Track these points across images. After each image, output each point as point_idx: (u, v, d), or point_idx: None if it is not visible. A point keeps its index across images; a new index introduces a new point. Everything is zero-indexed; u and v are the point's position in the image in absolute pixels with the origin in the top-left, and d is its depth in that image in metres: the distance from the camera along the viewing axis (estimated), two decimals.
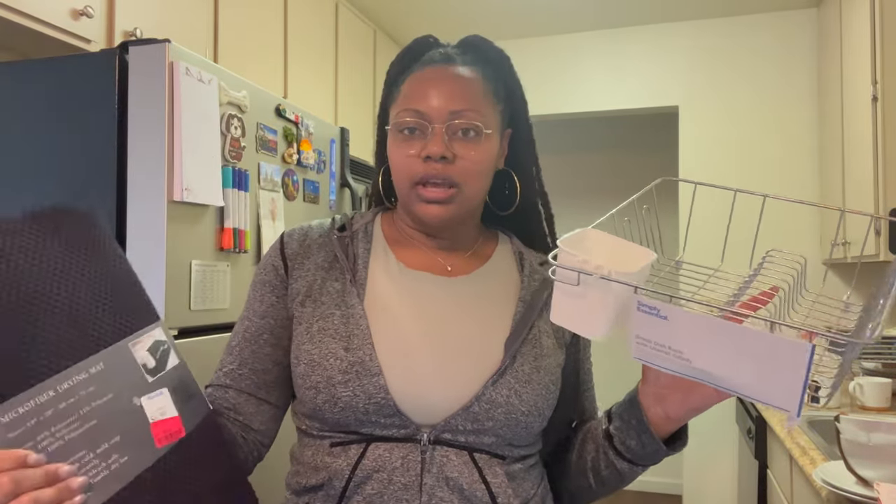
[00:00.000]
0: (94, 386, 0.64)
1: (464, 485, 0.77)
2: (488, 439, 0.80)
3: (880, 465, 1.29)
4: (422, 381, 0.79)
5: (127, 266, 0.74)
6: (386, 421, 0.78)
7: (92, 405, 0.63)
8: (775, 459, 2.21)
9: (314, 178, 1.99)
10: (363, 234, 0.90)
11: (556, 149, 4.68)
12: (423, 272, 0.88)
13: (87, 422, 0.63)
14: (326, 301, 0.84)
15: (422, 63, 0.88)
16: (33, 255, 0.64)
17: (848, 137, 2.60)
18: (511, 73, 0.91)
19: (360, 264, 0.87)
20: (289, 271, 0.88)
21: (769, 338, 0.60)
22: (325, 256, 0.88)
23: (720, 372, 0.65)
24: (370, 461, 0.78)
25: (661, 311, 0.64)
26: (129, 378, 0.68)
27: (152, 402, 0.69)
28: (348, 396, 0.77)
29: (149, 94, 1.44)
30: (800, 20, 3.19)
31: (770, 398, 0.62)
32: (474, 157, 0.83)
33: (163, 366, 0.72)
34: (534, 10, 3.23)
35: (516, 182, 0.93)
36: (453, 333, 0.83)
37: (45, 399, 0.60)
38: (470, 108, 0.83)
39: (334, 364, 0.79)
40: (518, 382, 0.81)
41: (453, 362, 0.81)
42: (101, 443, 0.63)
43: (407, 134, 0.84)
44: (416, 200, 0.84)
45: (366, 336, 0.80)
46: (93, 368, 0.65)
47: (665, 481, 4.32)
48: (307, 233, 0.91)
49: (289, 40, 2.53)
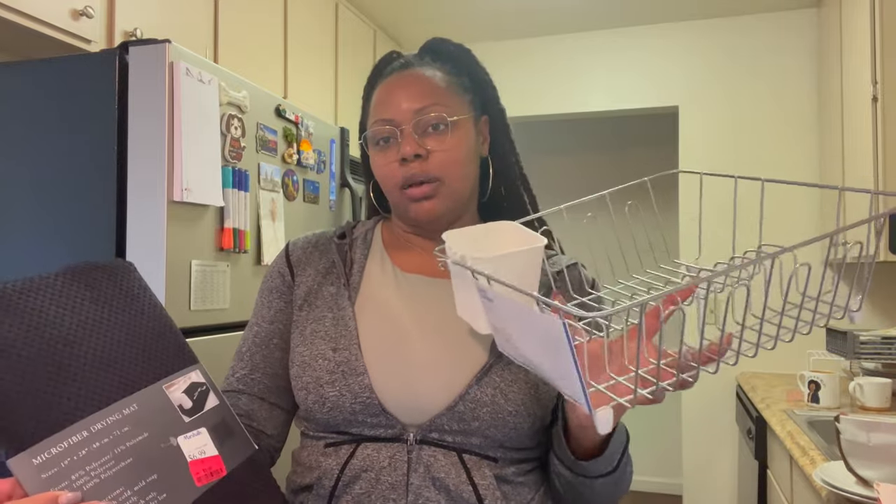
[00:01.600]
0: (128, 426, 0.65)
1: (450, 485, 0.77)
2: (476, 440, 0.79)
3: (880, 465, 1.29)
4: (407, 380, 0.80)
5: (161, 313, 0.77)
6: (373, 420, 0.79)
7: (127, 444, 0.64)
8: (775, 459, 2.21)
9: (314, 179, 2.00)
10: (362, 241, 0.93)
11: (557, 149, 4.68)
12: (417, 275, 0.89)
13: (122, 460, 0.63)
14: (321, 305, 0.87)
15: (384, 75, 0.91)
16: (63, 305, 0.67)
17: (848, 137, 2.59)
18: (474, 63, 0.93)
19: (355, 269, 0.89)
20: (294, 277, 0.91)
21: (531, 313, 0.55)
22: (324, 263, 0.91)
23: (536, 359, 0.61)
24: (359, 461, 0.79)
25: (488, 294, 0.61)
26: (164, 418, 0.69)
27: (190, 442, 0.70)
28: (335, 396, 0.79)
29: (149, 95, 1.44)
30: (800, 20, 3.19)
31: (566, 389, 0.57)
32: (447, 147, 0.85)
33: (200, 406, 0.74)
34: (534, 10, 3.23)
35: (490, 168, 0.94)
36: (441, 334, 0.84)
37: (77, 439, 0.61)
38: (432, 102, 0.85)
39: (322, 364, 0.81)
40: (504, 381, 0.80)
41: (439, 362, 0.81)
42: (139, 481, 0.63)
43: (383, 144, 0.87)
44: (406, 203, 0.86)
45: (353, 337, 0.82)
46: (126, 410, 0.66)
47: (665, 481, 4.32)
48: (311, 241, 0.94)
49: (289, 40, 2.53)
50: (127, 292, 0.75)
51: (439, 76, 0.88)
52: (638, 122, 4.52)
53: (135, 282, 0.77)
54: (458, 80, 0.90)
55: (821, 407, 2.22)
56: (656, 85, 3.40)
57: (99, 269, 0.74)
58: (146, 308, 0.76)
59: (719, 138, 3.30)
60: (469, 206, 0.92)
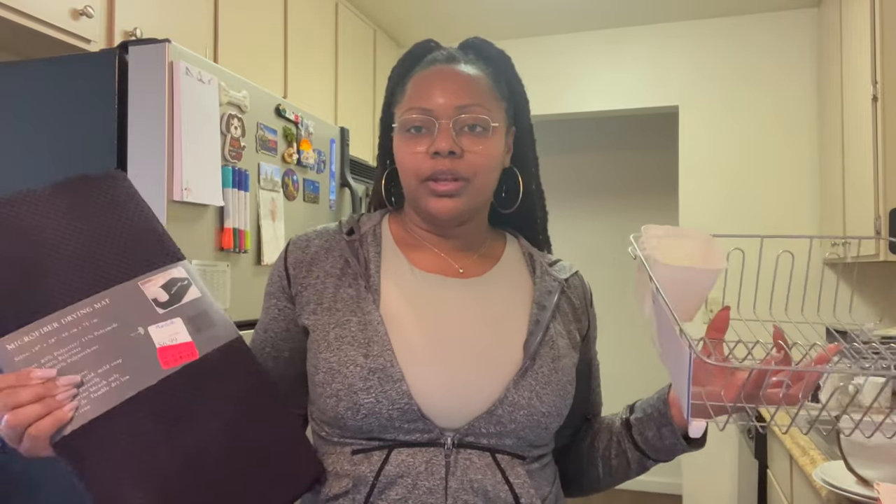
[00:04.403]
0: (97, 318, 0.73)
1: (488, 487, 0.78)
2: (510, 441, 0.80)
3: (880, 465, 1.29)
4: (444, 385, 0.79)
5: (144, 216, 0.81)
6: (409, 426, 0.78)
7: (95, 334, 0.72)
8: (775, 459, 2.21)
9: (314, 178, 2.00)
10: (372, 237, 0.90)
11: (557, 149, 4.68)
12: (436, 275, 0.88)
13: (88, 347, 0.71)
14: (341, 308, 0.84)
15: (425, 63, 0.88)
16: (44, 214, 0.75)
17: (848, 137, 2.60)
18: (513, 73, 0.92)
19: (372, 269, 0.86)
20: (291, 280, 0.88)
21: (671, 332, 0.66)
22: (333, 262, 0.88)
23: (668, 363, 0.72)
24: (394, 467, 0.78)
25: (654, 296, 0.72)
26: (136, 311, 0.75)
27: (162, 330, 0.76)
28: (371, 403, 0.77)
29: (149, 94, 1.44)
30: (800, 20, 3.19)
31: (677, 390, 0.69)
32: (482, 151, 0.84)
33: (178, 299, 0.79)
34: (534, 10, 3.23)
35: (520, 180, 0.93)
36: (471, 336, 0.83)
37: (48, 329, 0.70)
38: (476, 102, 0.84)
39: (354, 371, 0.78)
40: (538, 384, 0.81)
41: (473, 366, 0.81)
42: (103, 364, 0.71)
43: (414, 133, 0.84)
44: (426, 196, 0.84)
45: (385, 342, 0.80)
46: (97, 304, 0.73)
47: (665, 481, 4.32)
48: (312, 239, 0.90)
49: (289, 40, 2.53)
50: (112, 199, 0.80)
51: (483, 78, 0.87)
52: (637, 122, 4.52)
53: (122, 190, 0.81)
54: (497, 85, 0.89)
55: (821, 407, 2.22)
56: (656, 85, 3.40)
57: (87, 181, 0.79)
58: (130, 213, 0.80)
59: (719, 138, 3.30)
60: (482, 212, 0.92)
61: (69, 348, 0.70)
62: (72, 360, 0.69)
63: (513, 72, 0.92)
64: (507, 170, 0.92)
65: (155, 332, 0.75)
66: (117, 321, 0.73)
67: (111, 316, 0.73)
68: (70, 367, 0.69)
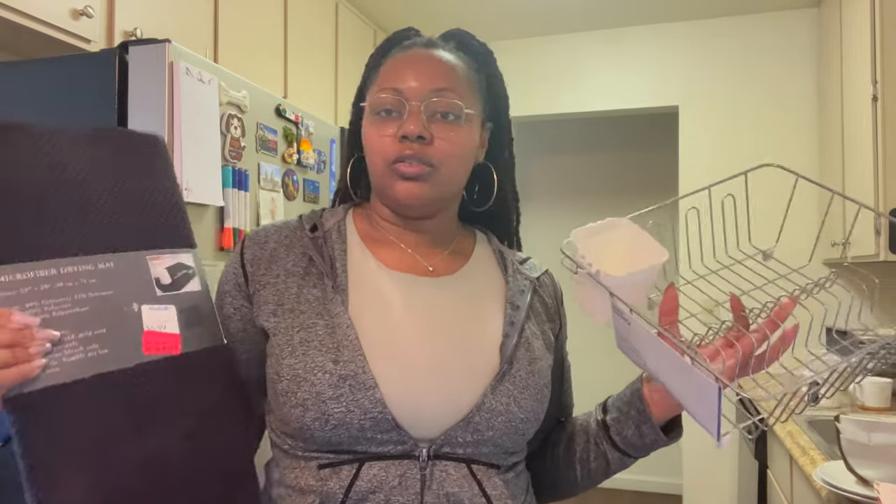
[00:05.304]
0: (96, 279, 0.68)
1: (465, 499, 0.74)
2: (486, 449, 0.76)
3: (880, 465, 1.29)
4: (420, 391, 0.74)
5: (174, 191, 0.78)
6: (382, 437, 0.73)
7: (89, 294, 0.67)
8: (775, 459, 2.21)
9: (314, 178, 2.00)
10: (337, 234, 0.84)
11: (557, 149, 4.68)
12: (405, 273, 0.83)
13: (78, 306, 0.66)
14: (306, 310, 0.77)
15: (403, 47, 0.85)
16: (75, 155, 0.70)
17: (848, 137, 2.59)
18: (494, 68, 0.89)
19: (338, 267, 0.80)
20: (249, 278, 0.81)
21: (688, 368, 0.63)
22: (295, 260, 0.81)
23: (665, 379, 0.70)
24: (365, 482, 0.72)
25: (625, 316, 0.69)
26: (136, 284, 0.71)
27: (154, 313, 0.71)
28: (341, 413, 0.71)
29: (149, 94, 1.44)
30: (800, 20, 3.19)
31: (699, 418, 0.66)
32: (453, 139, 0.79)
33: (178, 287, 0.75)
34: (534, 10, 3.23)
35: (494, 177, 0.89)
36: (445, 340, 0.78)
37: (44, 274, 0.64)
38: (450, 88, 0.80)
39: (323, 378, 0.72)
40: (516, 388, 0.77)
41: (450, 370, 0.76)
42: (86, 330, 0.66)
43: (384, 115, 0.80)
44: (391, 179, 0.79)
45: (356, 347, 0.74)
46: (102, 265, 0.69)
47: (665, 481, 4.32)
48: (270, 234, 0.84)
49: (289, 40, 2.53)
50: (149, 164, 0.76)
51: (462, 66, 0.83)
52: (638, 122, 4.52)
53: (160, 157, 0.77)
54: (476, 77, 0.85)
55: (820, 407, 2.22)
56: (656, 85, 3.40)
57: (130, 136, 0.76)
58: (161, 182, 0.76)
59: (719, 138, 3.30)
60: (451, 207, 0.87)
61: (58, 301, 0.64)
62: (57, 314, 0.64)
63: (494, 67, 0.89)
64: (482, 166, 0.89)
65: (147, 312, 0.71)
66: (114, 289, 0.69)
67: (111, 281, 0.69)
68: (53, 320, 0.63)
